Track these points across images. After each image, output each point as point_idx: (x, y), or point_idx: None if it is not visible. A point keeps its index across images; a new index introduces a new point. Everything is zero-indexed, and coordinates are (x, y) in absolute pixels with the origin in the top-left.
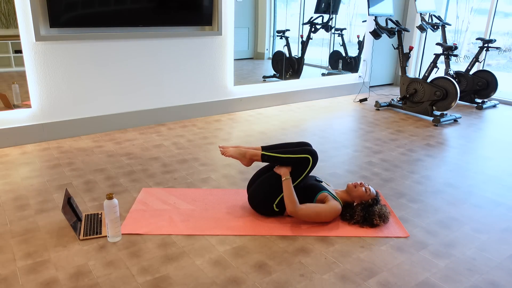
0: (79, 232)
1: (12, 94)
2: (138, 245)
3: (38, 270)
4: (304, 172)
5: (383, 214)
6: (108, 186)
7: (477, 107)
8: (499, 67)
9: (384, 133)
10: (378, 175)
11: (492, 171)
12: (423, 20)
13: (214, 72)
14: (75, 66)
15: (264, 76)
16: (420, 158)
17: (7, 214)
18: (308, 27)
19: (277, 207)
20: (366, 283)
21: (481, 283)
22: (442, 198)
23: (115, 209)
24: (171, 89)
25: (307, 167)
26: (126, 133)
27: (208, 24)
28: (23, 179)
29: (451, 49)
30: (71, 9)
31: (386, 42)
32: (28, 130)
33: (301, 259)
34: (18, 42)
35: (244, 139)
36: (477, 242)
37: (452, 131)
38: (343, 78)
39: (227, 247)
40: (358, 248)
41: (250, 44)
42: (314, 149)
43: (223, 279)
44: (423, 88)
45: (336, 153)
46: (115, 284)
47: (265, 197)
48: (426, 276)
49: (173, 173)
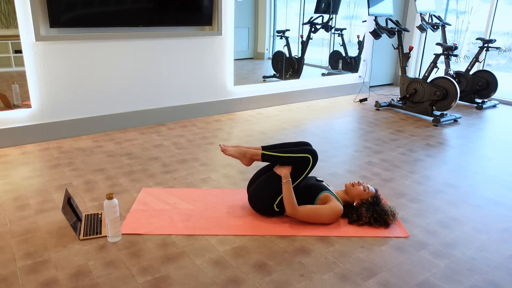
0: (79, 232)
1: (12, 94)
2: (138, 245)
3: (38, 270)
4: (305, 172)
5: (393, 211)
6: (108, 186)
7: (477, 107)
8: (499, 67)
9: (384, 133)
10: (378, 175)
11: (492, 171)
12: (423, 20)
13: (214, 72)
14: (75, 66)
15: (264, 76)
16: (420, 158)
17: (7, 214)
18: (308, 27)
19: (278, 207)
20: (366, 283)
21: (481, 283)
22: (442, 198)
23: (115, 209)
24: (171, 89)
25: (307, 166)
26: (126, 133)
27: (208, 24)
28: (23, 179)
29: (451, 49)
30: (71, 9)
31: (386, 42)
32: (28, 130)
33: (301, 259)
34: (18, 42)
35: (244, 139)
36: (477, 242)
37: (452, 131)
38: (343, 78)
39: (227, 247)
40: (358, 248)
41: (250, 44)
42: (314, 148)
43: (223, 279)
44: (423, 88)
45: (336, 153)
46: (115, 284)
47: (265, 197)
48: (426, 276)
49: (173, 173)
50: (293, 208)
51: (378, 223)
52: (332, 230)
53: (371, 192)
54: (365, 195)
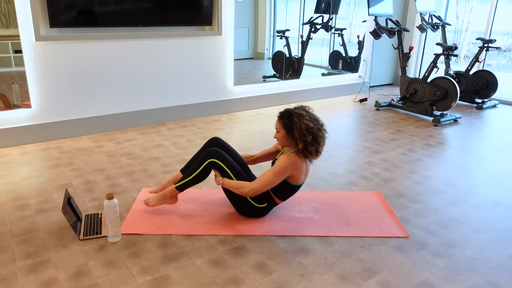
0: (79, 232)
1: (12, 94)
2: (138, 245)
3: (38, 270)
4: (226, 170)
5: (309, 117)
6: (108, 186)
7: (477, 107)
8: (499, 67)
9: (384, 133)
10: (378, 175)
11: (492, 171)
12: (423, 20)
13: (214, 72)
14: (75, 66)
15: (264, 76)
16: (420, 158)
17: (7, 214)
18: (308, 27)
19: (257, 203)
20: (366, 283)
21: (481, 283)
22: (442, 198)
23: (115, 209)
24: (171, 89)
25: (220, 166)
26: (126, 133)
27: (208, 24)
28: (23, 179)
29: (451, 49)
30: (71, 9)
31: (386, 42)
32: (28, 130)
33: (301, 259)
34: (18, 42)
35: (244, 139)
36: (477, 242)
37: (452, 131)
38: (343, 78)
39: (227, 247)
40: (358, 248)
41: (250, 44)
42: (213, 148)
43: (223, 279)
44: (423, 88)
45: (336, 153)
46: (115, 284)
47: (240, 205)
48: (426, 276)
49: (173, 173)
50: (246, 189)
51: (310, 135)
52: (332, 230)
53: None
54: (281, 133)
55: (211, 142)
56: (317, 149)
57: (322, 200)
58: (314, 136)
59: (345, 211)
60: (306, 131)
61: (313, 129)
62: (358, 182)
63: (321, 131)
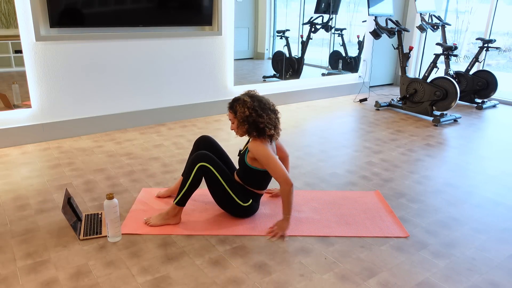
0: (79, 232)
1: (12, 94)
2: (138, 245)
3: (38, 270)
4: (217, 174)
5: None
6: (108, 186)
7: (477, 107)
8: (499, 67)
9: (384, 133)
10: (378, 175)
11: (492, 171)
12: (423, 20)
13: (214, 72)
14: (75, 66)
15: (264, 76)
16: (420, 158)
17: (7, 214)
18: (308, 27)
19: (243, 201)
20: (366, 283)
21: (481, 283)
22: (442, 198)
23: (115, 209)
24: (171, 89)
25: (211, 171)
26: (126, 133)
27: (208, 24)
28: (23, 179)
29: (451, 49)
30: (71, 9)
31: (386, 42)
32: (28, 130)
33: (301, 259)
34: (18, 42)
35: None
36: (477, 242)
37: (452, 131)
38: (343, 78)
39: (227, 247)
40: (358, 248)
41: (250, 44)
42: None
43: (223, 279)
44: (423, 88)
45: (336, 153)
46: (115, 284)
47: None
48: (426, 276)
49: (173, 173)
50: (288, 187)
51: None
52: (332, 230)
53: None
54: (236, 123)
55: (200, 141)
56: (274, 129)
57: (322, 200)
58: (256, 120)
59: (345, 211)
60: (251, 116)
61: (252, 115)
62: (358, 182)
63: (265, 112)
